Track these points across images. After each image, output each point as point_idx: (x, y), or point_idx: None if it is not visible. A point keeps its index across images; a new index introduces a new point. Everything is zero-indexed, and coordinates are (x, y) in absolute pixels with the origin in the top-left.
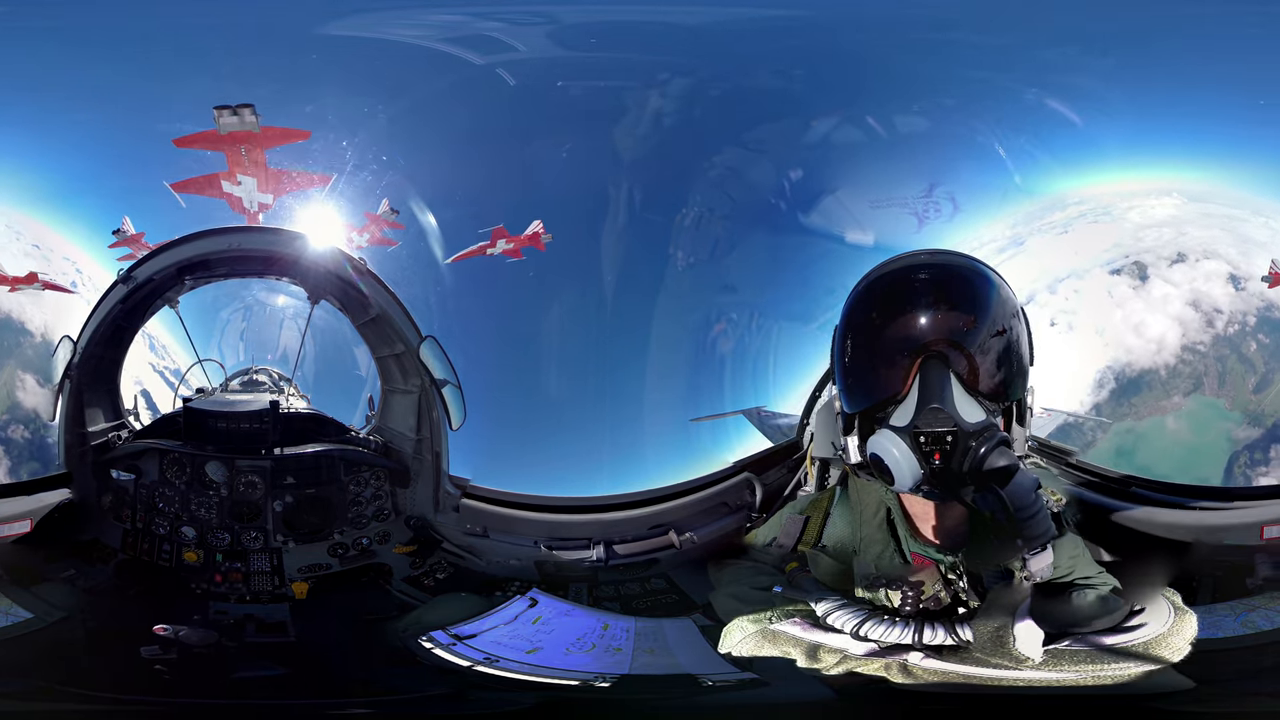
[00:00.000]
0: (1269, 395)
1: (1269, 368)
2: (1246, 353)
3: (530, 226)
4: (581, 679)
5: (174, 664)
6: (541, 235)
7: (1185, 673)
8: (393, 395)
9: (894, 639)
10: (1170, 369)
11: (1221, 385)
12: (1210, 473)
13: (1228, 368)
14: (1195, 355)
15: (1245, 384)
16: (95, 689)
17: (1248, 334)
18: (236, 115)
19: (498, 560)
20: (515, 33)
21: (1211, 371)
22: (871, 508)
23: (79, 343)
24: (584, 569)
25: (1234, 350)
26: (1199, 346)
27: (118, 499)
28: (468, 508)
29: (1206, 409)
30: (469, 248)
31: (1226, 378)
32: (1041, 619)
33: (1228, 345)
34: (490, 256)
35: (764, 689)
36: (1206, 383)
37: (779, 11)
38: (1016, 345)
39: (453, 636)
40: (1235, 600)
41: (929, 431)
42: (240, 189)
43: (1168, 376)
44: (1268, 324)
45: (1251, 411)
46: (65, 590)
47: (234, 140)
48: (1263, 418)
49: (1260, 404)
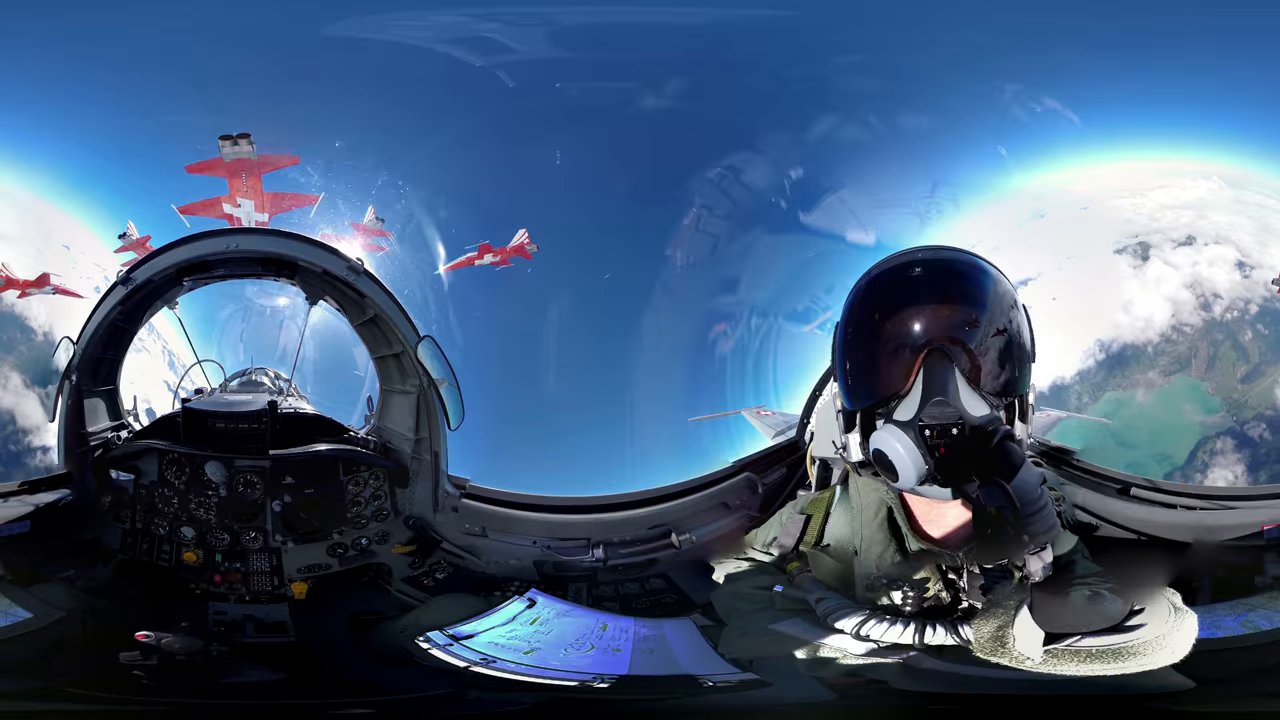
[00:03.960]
0: (1255, 388)
1: (1264, 360)
2: (1242, 340)
3: (515, 237)
4: (580, 680)
5: (174, 664)
6: (527, 245)
7: (1185, 673)
8: (391, 395)
9: (894, 639)
10: (1156, 347)
11: (1209, 369)
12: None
13: (1220, 353)
14: (1182, 336)
15: (1234, 371)
16: (95, 689)
17: (1246, 322)
18: (236, 144)
19: (497, 560)
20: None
21: (1202, 354)
22: (872, 508)
23: (79, 343)
24: (583, 569)
25: (1229, 336)
26: (1186, 329)
27: (118, 499)
28: (467, 508)
29: (1188, 390)
30: (459, 258)
31: (1217, 362)
32: (1041, 619)
33: (1223, 330)
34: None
35: (764, 689)
36: (1195, 364)
37: (780, 12)
38: (1018, 342)
39: (450, 637)
40: (1235, 600)
41: (934, 424)
42: (240, 210)
43: (1154, 354)
44: (1270, 315)
45: (1234, 400)
46: (65, 590)
47: (235, 167)
48: (1243, 409)
49: (1245, 394)
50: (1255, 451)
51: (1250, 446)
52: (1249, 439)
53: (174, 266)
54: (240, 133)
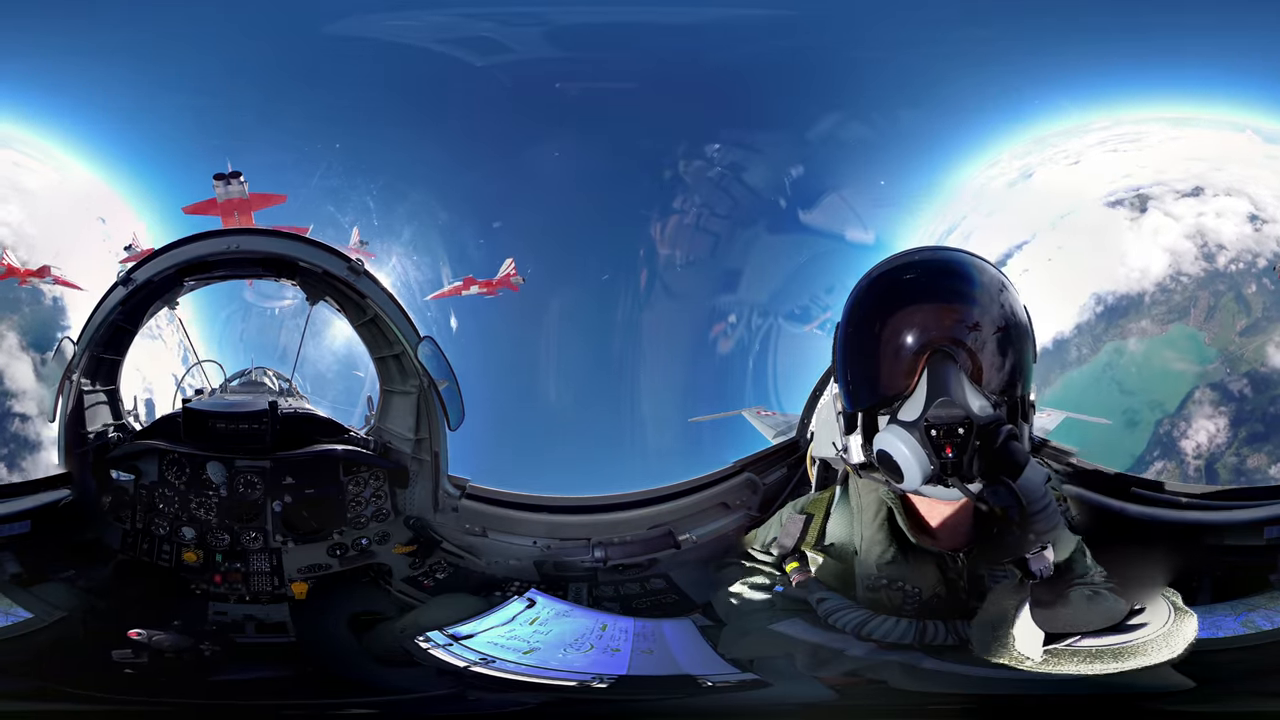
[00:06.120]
0: (1253, 342)
1: (1266, 315)
2: (1245, 293)
3: (502, 268)
4: (579, 680)
5: (164, 662)
6: (513, 277)
7: (1185, 673)
8: (391, 396)
9: (894, 639)
10: (1152, 297)
11: (1208, 319)
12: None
13: (1221, 304)
14: (1180, 286)
15: (1234, 324)
16: (95, 689)
17: (1253, 275)
18: (229, 184)
19: (497, 560)
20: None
21: (1201, 303)
22: (873, 508)
23: (79, 343)
24: (583, 569)
25: (1232, 288)
26: (1184, 278)
27: (118, 499)
28: (467, 508)
29: (1184, 339)
30: (445, 288)
31: (1217, 313)
32: (1041, 619)
33: (1225, 281)
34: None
35: (764, 689)
36: (1193, 313)
37: (779, 11)
38: (1019, 341)
39: (450, 637)
40: (1235, 600)
41: (941, 424)
42: None
43: (1150, 304)
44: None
45: (1230, 352)
46: (65, 590)
47: (228, 206)
48: (1238, 362)
49: (1242, 347)
50: (1240, 407)
51: (1233, 401)
52: (1230, 393)
53: (174, 267)
54: (233, 171)
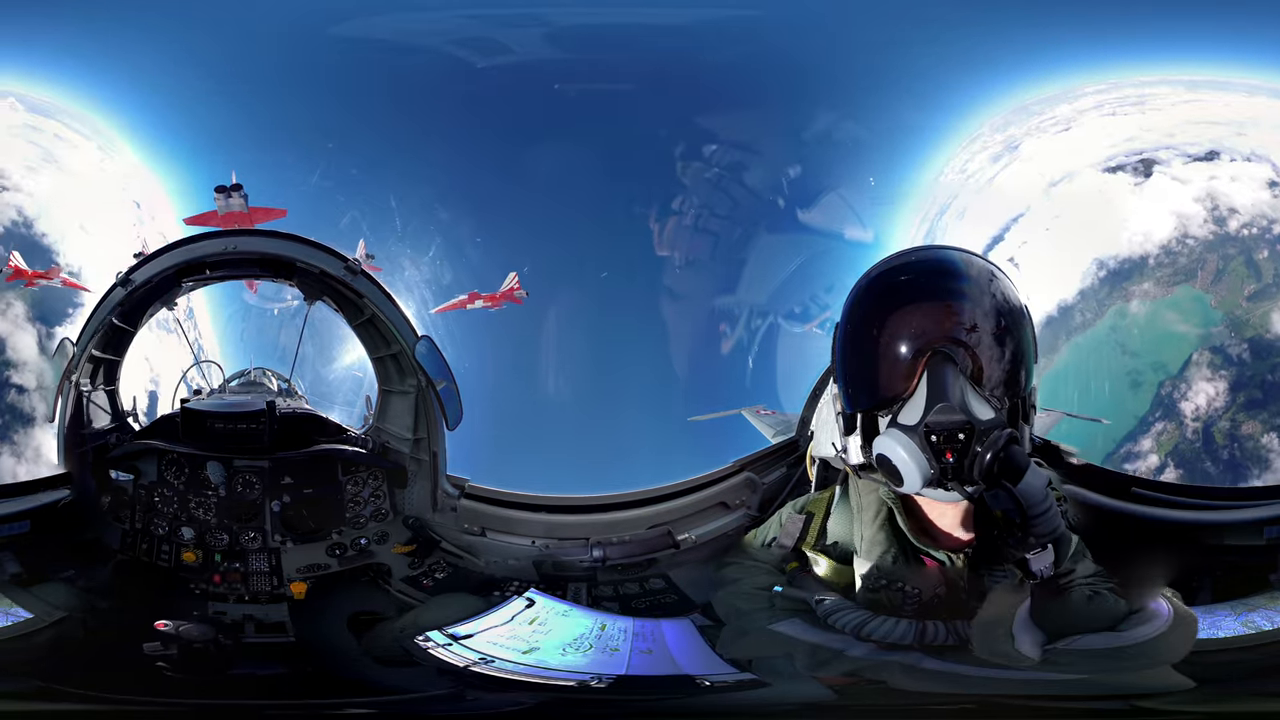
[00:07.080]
0: (1260, 308)
1: (1276, 282)
2: (1256, 257)
3: (505, 281)
4: (578, 680)
5: (175, 664)
6: (516, 291)
7: (1185, 673)
8: (390, 395)
9: (894, 639)
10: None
11: (1215, 282)
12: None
13: (1230, 267)
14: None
15: (1242, 288)
16: (95, 689)
17: (1266, 241)
18: (230, 197)
19: (496, 560)
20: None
21: (1209, 266)
22: (873, 508)
23: (79, 344)
24: (582, 569)
25: (1243, 252)
26: (1190, 241)
27: (117, 499)
28: (465, 507)
29: (1190, 300)
30: (450, 300)
31: (1225, 276)
32: (1041, 619)
33: (1236, 245)
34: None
35: (763, 689)
36: (1201, 276)
37: (779, 12)
38: (1020, 342)
39: (450, 637)
40: (1235, 600)
41: (941, 429)
42: None
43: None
44: None
45: (1236, 317)
46: (65, 590)
47: (228, 220)
48: (1243, 326)
49: (1249, 313)
50: (1240, 372)
51: (1232, 365)
52: (1230, 357)
53: (173, 268)
54: (234, 184)
